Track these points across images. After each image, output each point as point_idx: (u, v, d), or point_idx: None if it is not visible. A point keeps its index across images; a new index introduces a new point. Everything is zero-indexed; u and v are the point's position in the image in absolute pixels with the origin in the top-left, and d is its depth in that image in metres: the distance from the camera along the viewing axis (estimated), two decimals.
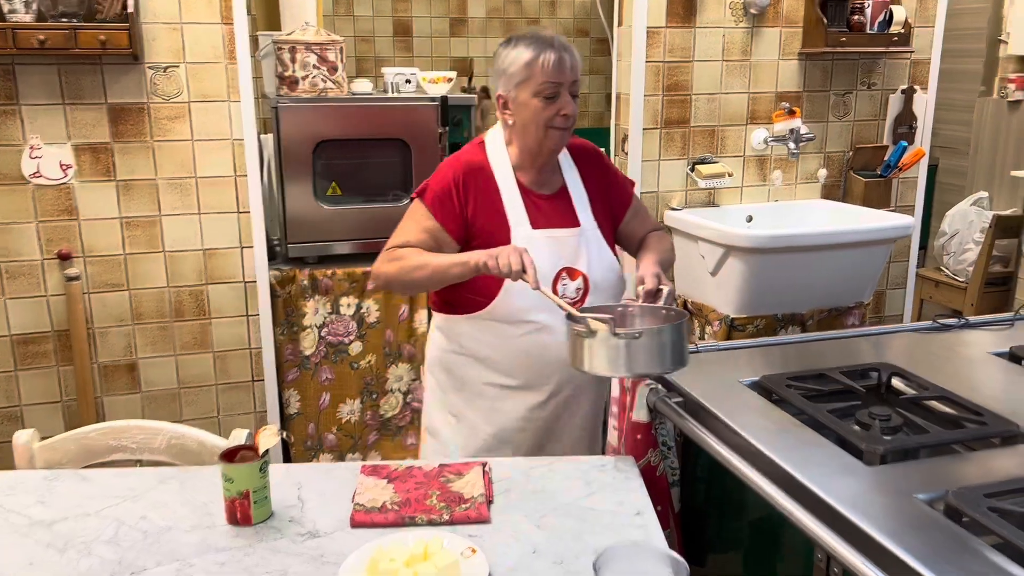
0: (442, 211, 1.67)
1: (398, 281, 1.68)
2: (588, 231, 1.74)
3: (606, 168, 1.86)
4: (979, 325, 1.91)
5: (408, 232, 1.68)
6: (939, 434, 1.31)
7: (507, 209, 1.69)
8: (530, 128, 1.66)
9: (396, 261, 1.64)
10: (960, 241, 4.20)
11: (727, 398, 1.49)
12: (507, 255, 1.50)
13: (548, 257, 1.67)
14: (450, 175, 1.69)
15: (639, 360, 1.37)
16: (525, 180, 1.73)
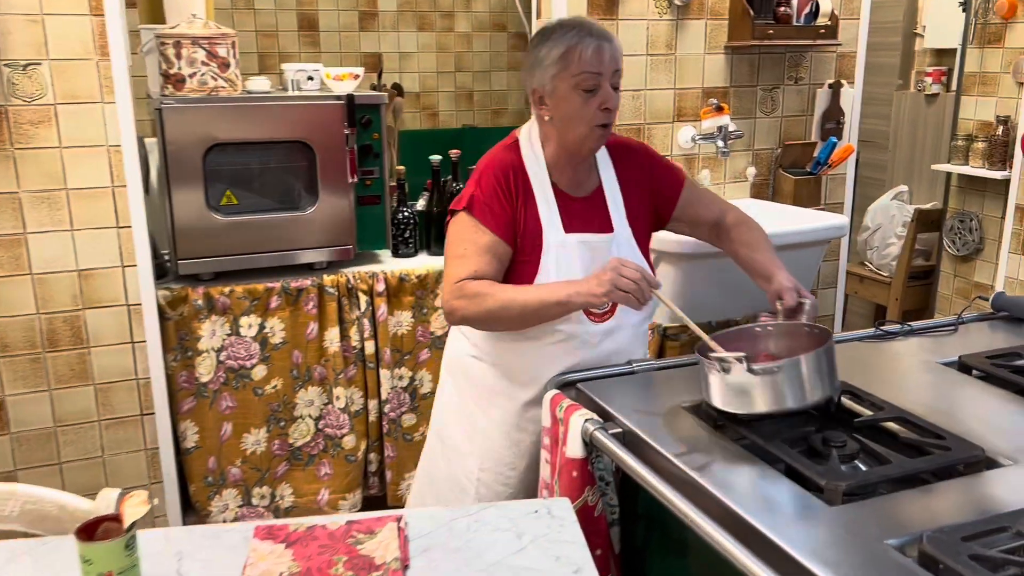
0: (495, 220, 1.57)
1: (481, 323, 1.59)
2: (621, 237, 1.65)
3: (651, 165, 1.74)
4: (923, 331, 1.84)
5: (469, 256, 1.55)
6: (902, 463, 1.20)
7: (540, 211, 1.59)
8: (570, 124, 1.55)
9: (475, 299, 1.52)
10: (883, 236, 4.23)
11: (667, 426, 1.36)
12: (618, 277, 1.40)
13: (579, 263, 1.59)
14: (493, 179, 1.59)
15: (781, 395, 1.28)
16: (559, 181, 1.64)
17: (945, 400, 1.46)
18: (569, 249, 1.60)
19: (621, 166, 1.70)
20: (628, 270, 1.40)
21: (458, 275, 1.54)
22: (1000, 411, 1.43)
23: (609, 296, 1.42)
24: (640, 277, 1.40)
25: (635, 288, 1.39)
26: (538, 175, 1.62)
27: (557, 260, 1.60)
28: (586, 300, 1.46)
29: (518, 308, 1.50)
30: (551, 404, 1.48)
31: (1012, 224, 3.53)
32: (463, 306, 1.52)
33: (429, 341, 2.58)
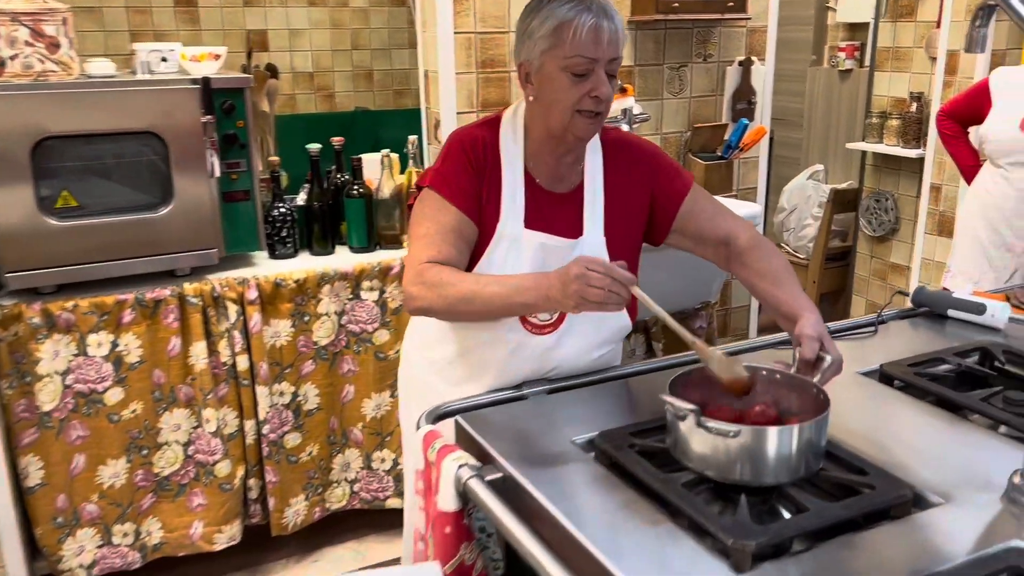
0: (461, 196, 1.43)
1: (440, 314, 1.41)
2: (588, 244, 1.47)
3: (654, 169, 1.53)
4: (840, 333, 1.70)
5: (432, 236, 1.41)
6: (821, 511, 1.03)
7: (504, 196, 1.44)
8: (553, 108, 1.38)
9: (435, 287, 1.36)
10: (799, 217, 4.15)
11: (556, 468, 1.18)
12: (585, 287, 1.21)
13: (528, 266, 1.44)
14: (460, 152, 1.45)
15: (730, 464, 1.08)
16: (536, 171, 1.47)
17: (867, 421, 1.31)
18: (522, 247, 1.44)
19: (613, 164, 1.51)
20: (595, 277, 1.21)
21: (419, 258, 1.39)
22: (925, 430, 1.29)
23: (580, 309, 1.25)
24: (610, 282, 1.21)
25: (605, 296, 1.21)
26: (512, 157, 1.45)
27: (505, 256, 1.44)
28: (554, 308, 1.33)
29: (481, 303, 1.34)
30: (423, 444, 1.27)
31: (927, 204, 3.48)
32: (422, 294, 1.37)
33: (313, 352, 2.34)
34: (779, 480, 1.08)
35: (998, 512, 1.06)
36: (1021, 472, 1.09)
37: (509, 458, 1.19)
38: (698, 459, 1.10)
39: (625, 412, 1.33)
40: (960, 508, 1.06)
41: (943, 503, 1.08)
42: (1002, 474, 1.12)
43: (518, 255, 1.43)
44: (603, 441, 1.21)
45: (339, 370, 2.40)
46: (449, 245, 1.40)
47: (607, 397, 1.43)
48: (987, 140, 2.56)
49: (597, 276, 1.20)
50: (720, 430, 1.06)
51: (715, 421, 1.06)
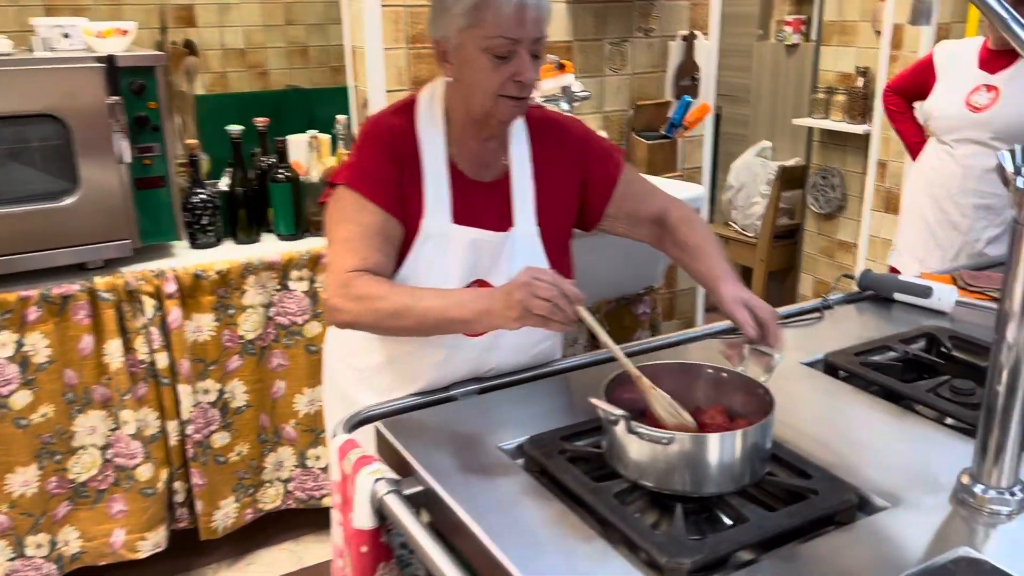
0: (383, 193, 1.31)
1: (370, 327, 1.28)
2: (520, 237, 1.38)
3: (583, 150, 1.44)
4: (787, 320, 1.64)
5: (354, 241, 1.29)
6: (762, 521, 0.97)
7: (427, 190, 1.33)
8: (473, 91, 1.29)
9: (362, 300, 1.23)
10: (747, 195, 4.11)
11: (481, 479, 1.09)
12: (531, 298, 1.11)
13: (459, 265, 1.35)
14: (378, 144, 1.33)
15: (674, 474, 1.00)
16: (460, 158, 1.37)
17: (811, 416, 1.25)
18: (451, 244, 1.33)
19: (541, 148, 1.42)
20: (542, 287, 1.11)
21: (342, 266, 1.27)
22: (871, 425, 1.23)
23: (522, 322, 1.14)
24: (557, 294, 1.11)
25: (551, 309, 1.11)
26: (432, 145, 1.34)
27: (432, 255, 1.33)
28: (498, 325, 1.18)
29: (414, 318, 1.22)
30: (338, 454, 1.17)
31: (873, 180, 3.46)
32: (348, 307, 1.25)
33: (239, 347, 2.22)
34: (722, 489, 1.01)
35: (947, 515, 1.01)
36: (969, 472, 1.04)
37: (431, 468, 1.11)
38: (633, 467, 1.03)
39: (562, 412, 1.25)
40: (908, 512, 1.01)
41: (890, 507, 1.02)
42: (950, 472, 1.07)
43: (446, 254, 1.33)
44: (533, 447, 1.13)
45: (268, 365, 2.28)
46: (374, 250, 1.28)
47: (543, 396, 1.34)
48: (932, 116, 2.53)
49: (545, 287, 1.11)
50: (654, 437, 0.98)
51: (648, 428, 0.99)
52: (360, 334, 1.35)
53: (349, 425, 1.24)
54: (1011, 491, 1.00)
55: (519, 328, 1.16)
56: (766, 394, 1.08)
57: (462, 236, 1.34)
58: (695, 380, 1.16)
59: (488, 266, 1.36)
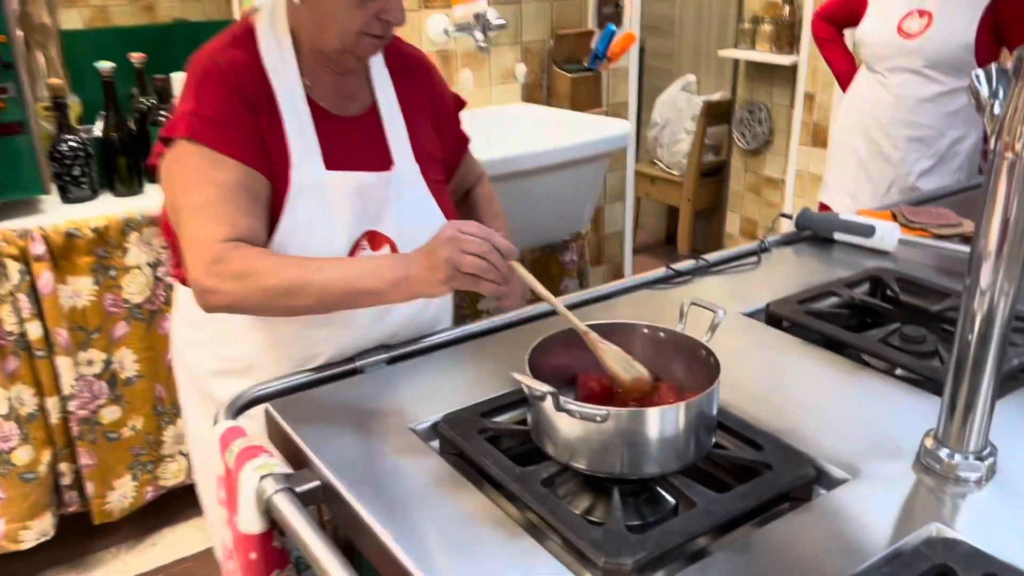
0: (240, 144, 1.09)
1: (256, 309, 1.09)
2: (403, 176, 1.22)
3: (435, 87, 1.31)
4: (720, 265, 1.52)
5: (213, 206, 1.07)
6: (710, 504, 0.85)
7: (289, 134, 1.14)
8: (329, 27, 1.11)
9: (243, 278, 1.04)
10: (672, 131, 4.00)
11: (390, 468, 0.95)
12: (460, 255, 0.96)
13: (344, 215, 1.15)
14: (222, 85, 1.10)
15: (609, 455, 0.87)
16: (317, 90, 1.18)
17: (757, 375, 1.14)
18: (330, 195, 1.15)
19: (401, 81, 1.26)
20: (471, 242, 0.96)
21: (207, 237, 1.06)
22: (822, 384, 1.13)
23: (452, 284, 0.99)
24: (488, 249, 0.96)
25: (483, 266, 0.96)
26: (285, 80, 1.15)
27: (310, 212, 1.14)
28: (419, 292, 1.01)
29: (314, 295, 1.04)
30: (220, 444, 1.01)
31: (801, 114, 3.38)
32: (225, 288, 1.05)
33: (125, 312, 2.01)
34: (665, 469, 0.88)
35: (912, 485, 0.91)
36: (934, 434, 0.94)
37: (329, 458, 0.95)
38: (564, 447, 0.89)
39: (484, 382, 1.11)
40: (869, 483, 0.91)
41: (849, 479, 0.91)
42: (911, 434, 0.97)
43: (327, 207, 1.14)
44: (448, 427, 0.98)
45: (159, 330, 2.07)
46: (243, 213, 1.07)
47: (461, 364, 1.20)
48: (863, 43, 2.43)
49: (474, 241, 0.96)
50: (586, 414, 0.85)
51: (579, 404, 0.85)
52: (228, 316, 1.15)
53: (234, 410, 1.07)
54: (979, 455, 0.91)
55: (447, 292, 1.01)
56: (709, 356, 0.96)
57: (342, 183, 1.15)
58: (631, 342, 1.02)
59: (375, 214, 1.18)
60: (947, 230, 1.65)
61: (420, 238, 1.05)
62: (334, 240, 1.14)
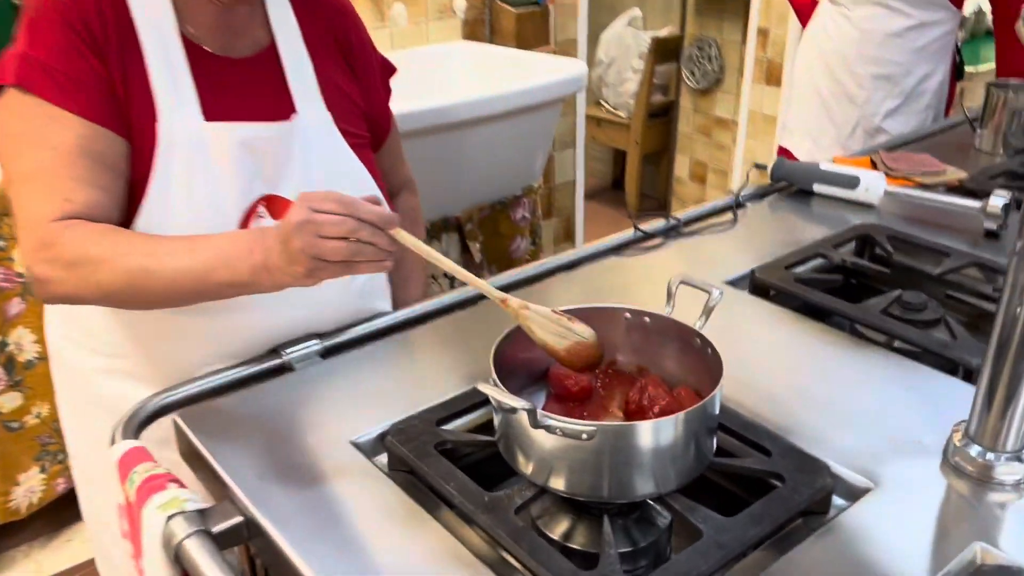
0: (83, 95, 0.89)
1: (94, 301, 0.91)
2: (311, 127, 1.01)
3: (353, 33, 1.09)
4: (694, 225, 1.38)
5: (46, 174, 0.87)
6: (719, 533, 0.71)
7: (154, 80, 0.93)
8: None
9: (75, 267, 0.86)
10: (618, 70, 3.83)
11: (326, 497, 0.78)
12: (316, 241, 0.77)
13: (232, 175, 0.95)
14: (61, 23, 0.89)
15: (596, 477, 0.72)
16: (195, 28, 0.96)
17: (749, 357, 1.00)
18: (211, 151, 0.95)
19: (309, 18, 1.05)
20: (329, 222, 0.77)
21: (38, 215, 0.88)
22: (822, 364, 1.00)
23: (321, 276, 0.81)
24: (354, 226, 0.77)
25: (352, 250, 0.78)
26: (150, 14, 0.94)
27: (188, 171, 0.94)
28: (285, 283, 0.83)
29: (160, 288, 0.86)
30: (119, 470, 0.83)
31: (753, 50, 3.23)
32: (57, 277, 0.87)
33: (19, 287, 1.78)
34: (662, 490, 0.74)
35: (943, 492, 0.79)
36: (964, 429, 0.81)
37: (254, 487, 0.79)
38: (540, 467, 0.74)
39: (437, 376, 0.95)
40: (894, 492, 0.78)
41: (871, 487, 0.79)
42: (932, 425, 0.86)
43: (208, 167, 0.94)
44: (398, 441, 0.82)
45: None
46: (82, 184, 0.88)
47: (409, 353, 1.04)
48: None
49: (332, 221, 0.77)
50: (569, 431, 0.70)
51: (561, 419, 0.70)
52: None
53: (134, 424, 0.89)
54: (1019, 455, 0.79)
55: (317, 284, 0.83)
56: (706, 346, 0.81)
57: (225, 136, 0.94)
58: (611, 329, 0.87)
59: (274, 174, 0.98)
60: (931, 178, 1.54)
61: None
62: (220, 207, 0.95)
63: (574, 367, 0.82)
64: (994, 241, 1.29)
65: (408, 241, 0.80)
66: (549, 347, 0.80)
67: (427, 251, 0.81)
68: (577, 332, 0.81)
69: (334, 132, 1.04)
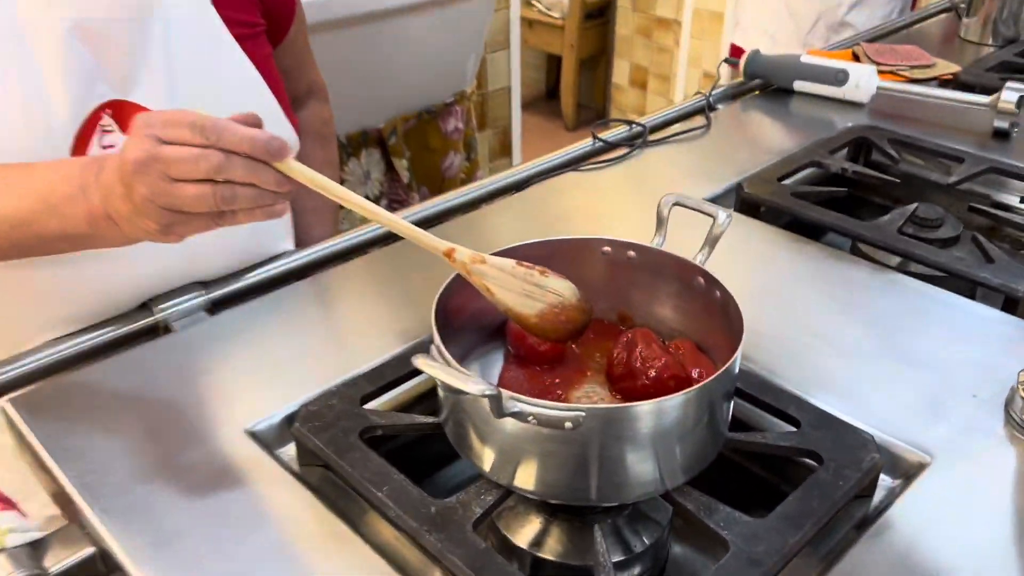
0: None
1: None
2: (172, 13, 0.75)
3: None
4: (661, 132, 1.18)
5: None
6: (750, 545, 0.53)
7: None
8: None
9: None
10: None
11: (218, 513, 0.58)
12: (166, 187, 0.55)
13: (62, 74, 0.70)
14: None
15: (580, 475, 0.53)
16: None
17: (752, 297, 0.81)
18: (32, 42, 0.69)
19: None
20: (183, 160, 0.54)
21: None
22: (841, 300, 0.82)
23: (176, 232, 0.59)
24: (220, 162, 0.55)
25: (228, 195, 0.56)
26: None
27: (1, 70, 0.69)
28: (132, 235, 0.61)
29: None
30: None
31: None
32: None
33: None
34: (666, 487, 0.56)
35: (1014, 466, 0.62)
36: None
37: (111, 501, 0.58)
38: (504, 463, 0.55)
39: (359, 338, 0.75)
40: (954, 466, 0.62)
41: (928, 461, 0.62)
42: (986, 373, 0.69)
43: (29, 63, 0.69)
44: (309, 428, 0.62)
45: None
46: None
47: (320, 306, 0.82)
48: None
49: (186, 156, 0.54)
50: (548, 419, 0.50)
51: (536, 403, 0.50)
52: None
53: None
54: None
55: (177, 240, 0.60)
56: (714, 288, 0.63)
57: (50, 26, 0.69)
58: (584, 267, 0.68)
59: (122, 74, 0.74)
60: (921, 72, 1.36)
61: (204, 106, 0.59)
62: (46, 116, 0.70)
63: (549, 337, 0.62)
64: (1004, 142, 1.13)
65: (303, 176, 0.57)
66: (514, 312, 0.60)
67: (332, 188, 0.58)
68: (552, 288, 0.60)
69: (212, 17, 0.79)
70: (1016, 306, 0.79)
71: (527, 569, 0.58)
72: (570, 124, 3.66)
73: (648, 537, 0.59)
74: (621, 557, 0.58)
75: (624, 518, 0.60)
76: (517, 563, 0.58)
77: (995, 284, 0.80)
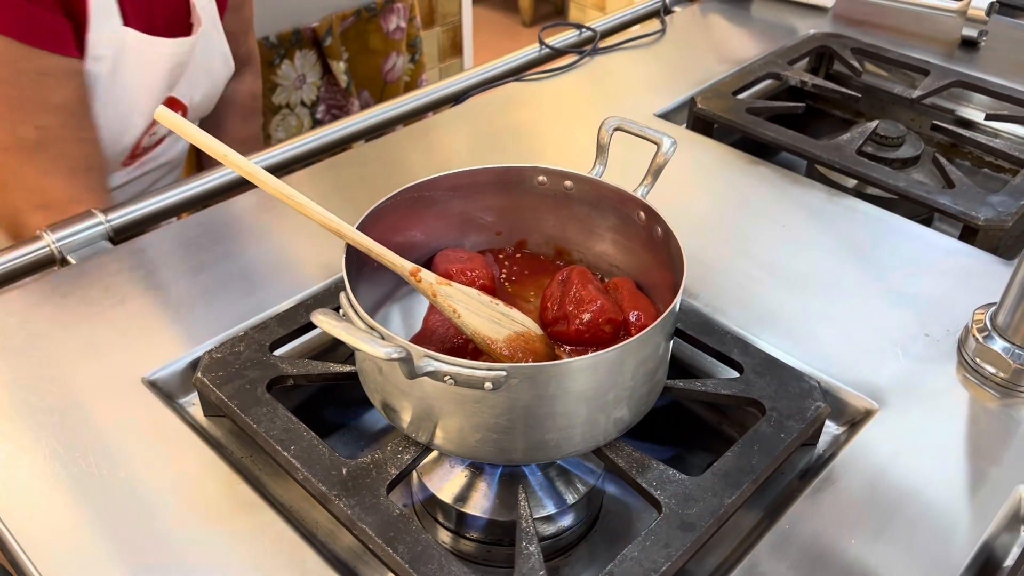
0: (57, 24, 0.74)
1: None
2: (207, 37, 0.91)
3: None
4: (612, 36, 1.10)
5: None
6: (684, 507, 0.50)
7: None
8: None
9: None
10: None
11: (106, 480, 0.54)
12: None
13: (150, 82, 0.85)
14: None
15: (505, 437, 0.49)
16: None
17: (694, 223, 0.77)
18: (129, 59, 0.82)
19: None
20: None
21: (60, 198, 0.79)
22: (793, 228, 0.77)
23: None
24: None
25: None
26: None
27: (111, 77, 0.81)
28: None
29: None
30: None
31: None
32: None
33: None
34: (597, 444, 0.52)
35: (966, 409, 0.60)
36: (990, 314, 0.62)
37: None
38: (422, 422, 0.51)
39: (272, 274, 0.69)
40: (904, 412, 0.59)
41: (875, 408, 0.59)
42: (942, 310, 0.66)
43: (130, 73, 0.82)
44: (212, 378, 0.56)
45: None
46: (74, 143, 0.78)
47: (230, 237, 0.75)
48: None
49: None
50: (470, 379, 0.45)
51: (454, 362, 0.45)
52: None
53: None
54: None
55: None
56: (655, 224, 0.57)
57: (143, 46, 0.82)
58: (518, 197, 0.62)
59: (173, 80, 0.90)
60: None
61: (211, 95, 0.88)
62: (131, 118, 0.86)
63: (519, 358, 0.55)
64: (972, 52, 1.07)
65: (171, 121, 0.49)
66: (481, 335, 0.53)
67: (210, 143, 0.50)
68: (518, 320, 0.55)
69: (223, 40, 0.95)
70: (975, 235, 0.75)
71: (453, 523, 0.55)
72: (527, 19, 3.51)
73: (583, 486, 0.56)
74: (553, 510, 0.54)
75: (555, 469, 0.56)
76: (443, 516, 0.55)
77: (954, 211, 0.76)
